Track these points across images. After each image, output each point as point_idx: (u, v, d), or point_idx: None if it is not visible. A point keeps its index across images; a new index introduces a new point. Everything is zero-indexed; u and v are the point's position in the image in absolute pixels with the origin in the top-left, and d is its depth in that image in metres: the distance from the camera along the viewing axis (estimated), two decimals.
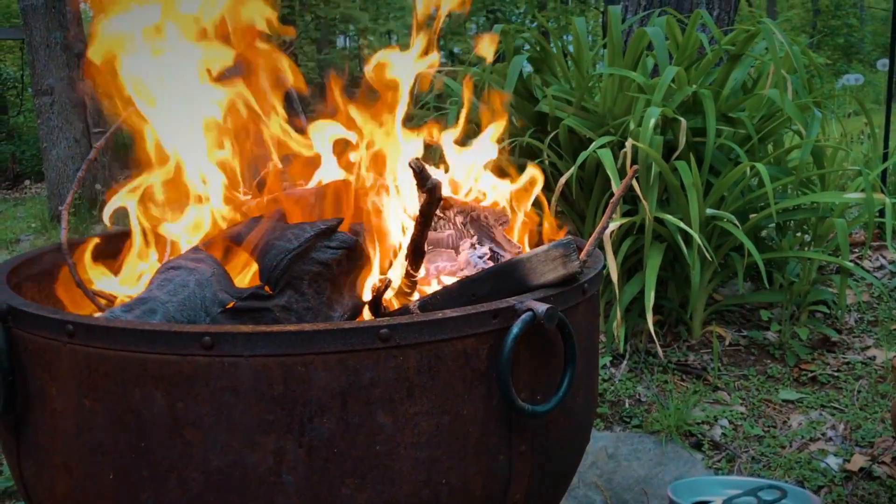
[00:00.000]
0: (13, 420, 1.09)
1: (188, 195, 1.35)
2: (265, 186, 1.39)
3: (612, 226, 2.43)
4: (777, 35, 2.67)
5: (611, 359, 2.54)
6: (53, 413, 1.04)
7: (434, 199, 1.21)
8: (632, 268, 2.64)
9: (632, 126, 2.53)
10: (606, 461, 2.01)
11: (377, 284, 1.20)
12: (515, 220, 1.49)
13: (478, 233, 1.43)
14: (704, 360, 2.54)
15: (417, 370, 0.99)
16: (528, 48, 3.18)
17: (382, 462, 0.99)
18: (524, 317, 1.01)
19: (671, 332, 2.70)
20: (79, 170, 6.15)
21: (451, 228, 1.44)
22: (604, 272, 1.26)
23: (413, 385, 0.99)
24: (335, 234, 1.19)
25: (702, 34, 2.89)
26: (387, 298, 1.26)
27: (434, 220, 1.37)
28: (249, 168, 1.42)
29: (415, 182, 1.21)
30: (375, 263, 1.27)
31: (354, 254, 1.21)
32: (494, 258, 1.39)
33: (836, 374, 2.47)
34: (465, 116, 1.50)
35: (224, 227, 1.31)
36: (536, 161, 2.74)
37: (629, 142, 2.40)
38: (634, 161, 2.42)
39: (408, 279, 1.29)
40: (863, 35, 18.55)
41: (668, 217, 2.40)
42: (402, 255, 1.29)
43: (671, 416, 2.14)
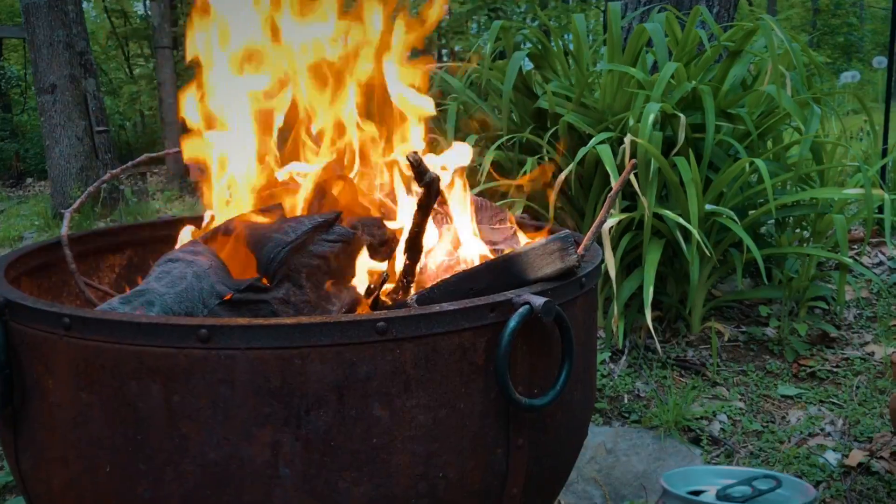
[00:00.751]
0: (10, 413, 1.09)
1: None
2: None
3: (611, 221, 2.43)
4: (776, 32, 2.66)
5: (610, 354, 2.54)
6: (50, 406, 1.04)
7: (432, 193, 1.21)
8: (631, 263, 2.63)
9: (631, 122, 2.53)
10: (605, 456, 2.01)
11: (375, 278, 1.20)
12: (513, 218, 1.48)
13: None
14: (703, 356, 2.54)
15: (414, 363, 0.99)
16: (529, 45, 3.17)
17: (379, 455, 0.99)
18: (521, 310, 1.01)
19: (670, 328, 2.70)
20: (81, 169, 6.10)
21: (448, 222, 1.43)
22: (602, 267, 1.26)
23: (410, 378, 0.99)
24: (333, 228, 1.18)
25: (701, 31, 2.88)
26: (384, 291, 1.26)
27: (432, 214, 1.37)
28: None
29: (413, 176, 1.21)
30: (367, 259, 1.27)
31: (352, 247, 1.20)
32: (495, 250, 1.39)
33: (835, 370, 2.47)
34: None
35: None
36: (536, 157, 2.75)
37: (628, 138, 2.40)
38: (634, 157, 2.42)
39: (405, 273, 1.28)
40: (862, 34, 18.51)
41: (668, 213, 2.39)
42: (401, 249, 1.29)
43: (670, 412, 2.14)
